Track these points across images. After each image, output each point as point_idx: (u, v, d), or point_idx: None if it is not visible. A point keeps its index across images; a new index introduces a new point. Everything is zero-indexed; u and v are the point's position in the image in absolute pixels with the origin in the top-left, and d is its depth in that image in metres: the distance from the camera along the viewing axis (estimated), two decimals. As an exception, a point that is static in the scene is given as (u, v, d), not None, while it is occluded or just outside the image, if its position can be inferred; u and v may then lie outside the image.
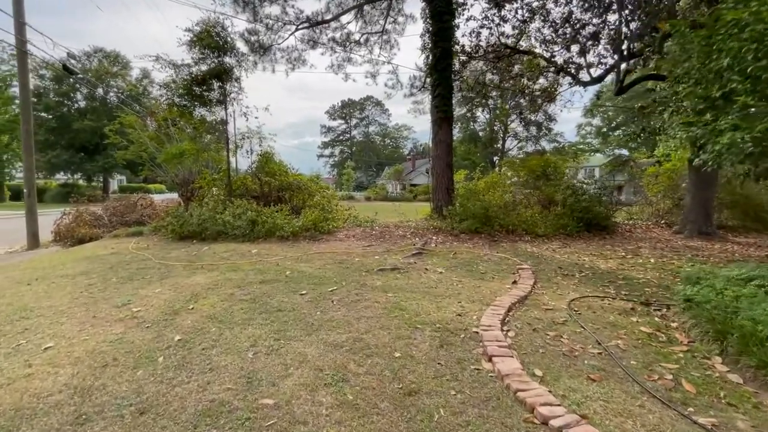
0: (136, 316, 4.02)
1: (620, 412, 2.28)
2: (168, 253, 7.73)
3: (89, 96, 37.16)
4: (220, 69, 10.76)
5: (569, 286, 5.13)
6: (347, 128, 74.11)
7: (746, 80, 2.90)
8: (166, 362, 2.96)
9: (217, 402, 2.42)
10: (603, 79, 12.63)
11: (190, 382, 2.66)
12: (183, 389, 2.57)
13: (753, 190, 11.96)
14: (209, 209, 9.82)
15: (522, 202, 11.75)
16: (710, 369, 2.83)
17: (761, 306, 3.20)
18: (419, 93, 17.50)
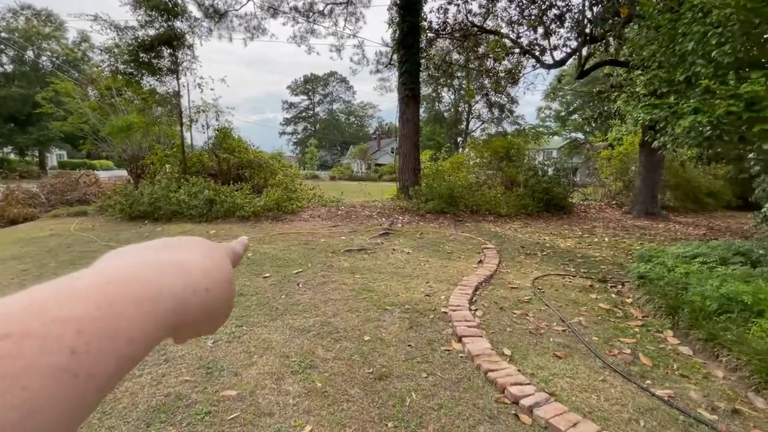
0: (79, 305, 3.65)
1: (585, 387, 2.35)
2: (116, 234, 7.15)
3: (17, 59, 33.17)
4: (170, 34, 9.83)
5: (532, 265, 5.28)
6: (310, 105, 71.66)
7: (709, 64, 2.98)
8: (114, 355, 2.70)
9: (173, 396, 2.24)
10: (565, 63, 12.89)
11: (142, 375, 2.44)
12: (134, 384, 2.35)
13: (693, 173, 12.90)
14: (162, 187, 9.15)
15: (486, 182, 11.96)
16: (664, 342, 2.99)
17: (709, 282, 3.41)
18: (386, 70, 17.06)
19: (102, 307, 0.21)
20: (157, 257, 0.28)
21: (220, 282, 0.30)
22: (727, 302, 3.07)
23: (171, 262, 0.28)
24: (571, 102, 41.26)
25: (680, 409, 2.13)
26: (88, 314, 0.20)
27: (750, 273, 3.68)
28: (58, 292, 0.20)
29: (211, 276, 0.29)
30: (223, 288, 0.30)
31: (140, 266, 0.26)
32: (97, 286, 0.22)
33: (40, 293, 0.20)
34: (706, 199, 12.83)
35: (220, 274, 0.31)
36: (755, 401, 2.24)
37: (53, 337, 0.18)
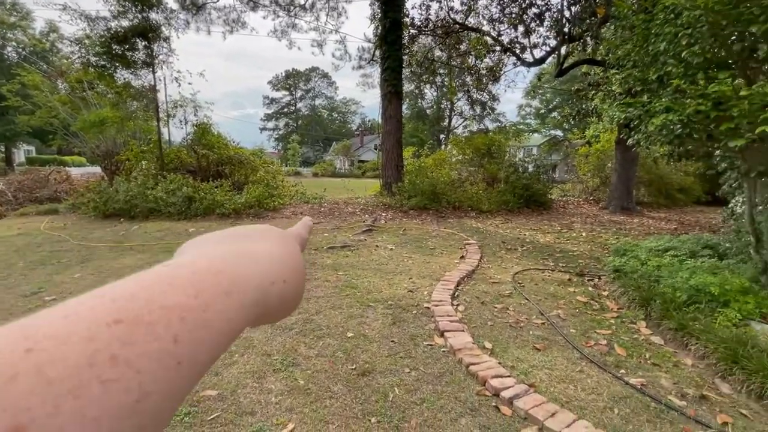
0: (50, 306, 3.51)
1: (563, 378, 2.42)
2: (90, 233, 6.91)
3: (-20, 50, 31.48)
4: (145, 26, 9.53)
5: (513, 260, 5.38)
6: (292, 100, 70.66)
7: (680, 64, 3.09)
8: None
9: (150, 398, 2.18)
10: (545, 61, 13.11)
11: (117, 377, 2.37)
12: (109, 386, 2.28)
13: (666, 170, 13.37)
14: (138, 184, 8.88)
15: (468, 179, 12.09)
16: (637, 333, 3.10)
17: (679, 274, 3.55)
18: (368, 66, 17.01)
19: (198, 296, 0.21)
20: (239, 248, 0.28)
21: (295, 272, 0.30)
22: (696, 293, 3.21)
23: (252, 253, 0.28)
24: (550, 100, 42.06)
25: (652, 396, 2.22)
26: (187, 303, 0.20)
27: (717, 265, 3.85)
28: (159, 280, 0.21)
29: (287, 266, 0.30)
30: (297, 277, 0.30)
31: (226, 257, 0.26)
32: (189, 275, 0.22)
33: (144, 280, 0.21)
34: (677, 195, 13.32)
35: (295, 264, 0.31)
36: (721, 387, 2.35)
37: (161, 325, 0.19)
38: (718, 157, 3.96)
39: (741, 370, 2.30)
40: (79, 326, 0.17)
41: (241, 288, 0.24)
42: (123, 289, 0.19)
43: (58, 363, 0.15)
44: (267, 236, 0.32)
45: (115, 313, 0.18)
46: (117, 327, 0.17)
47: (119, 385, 0.16)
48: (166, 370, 0.18)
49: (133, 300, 0.19)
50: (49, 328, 0.16)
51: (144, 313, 0.19)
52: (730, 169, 3.88)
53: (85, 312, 0.18)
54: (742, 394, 2.26)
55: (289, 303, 0.29)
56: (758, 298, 3.11)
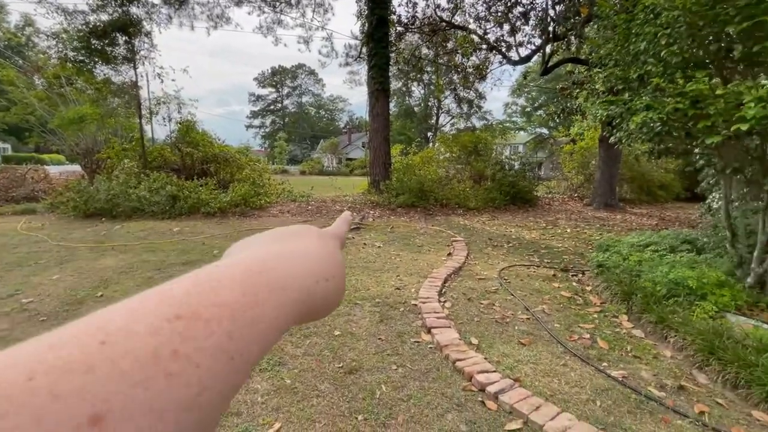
0: (27, 309, 3.42)
1: (547, 372, 2.46)
2: (69, 233, 6.73)
3: (-49, 43, 30.28)
4: (125, 20, 9.29)
5: (499, 256, 5.43)
6: (278, 97, 69.88)
7: (659, 63, 3.16)
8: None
9: (133, 401, 2.14)
10: (530, 59, 13.26)
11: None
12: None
13: (647, 167, 13.68)
14: (120, 183, 8.69)
15: (455, 176, 12.16)
16: (619, 326, 3.17)
17: (659, 269, 3.64)
18: (355, 63, 16.91)
19: (248, 294, 0.22)
20: (282, 248, 0.29)
21: (336, 270, 0.31)
22: (675, 287, 3.30)
23: (295, 253, 0.29)
24: (536, 98, 42.56)
25: (632, 388, 2.28)
26: (238, 301, 0.21)
27: (695, 259, 3.96)
28: (210, 279, 0.22)
29: (328, 265, 0.31)
30: (338, 276, 0.31)
31: (273, 257, 0.27)
32: (239, 274, 0.23)
33: (197, 279, 0.21)
34: (658, 192, 13.64)
35: (335, 262, 0.32)
36: (698, 377, 2.42)
37: (216, 321, 0.19)
38: (696, 154, 4.06)
39: (717, 361, 2.37)
40: (144, 321, 0.18)
41: (286, 286, 0.25)
42: (179, 287, 0.20)
43: (129, 355, 0.16)
44: (307, 236, 0.33)
45: (175, 309, 0.19)
46: (177, 322, 0.18)
47: (181, 379, 0.17)
48: (221, 365, 0.19)
49: (189, 297, 0.20)
50: (118, 322, 0.17)
51: (200, 309, 0.19)
52: (707, 166, 3.99)
53: (149, 307, 0.18)
54: (718, 384, 2.33)
55: (332, 300, 0.30)
56: (733, 291, 3.21)
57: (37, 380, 0.14)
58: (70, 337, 0.16)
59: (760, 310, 3.15)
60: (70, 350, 0.15)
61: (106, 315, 0.18)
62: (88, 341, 0.16)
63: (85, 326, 0.17)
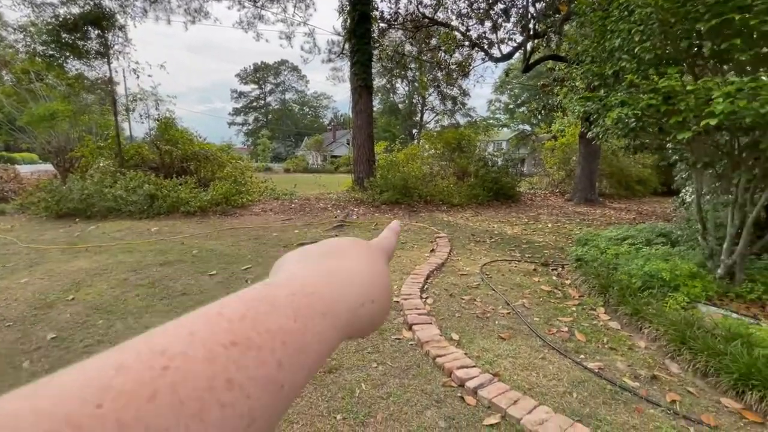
0: (-8, 314, 3.27)
1: (526, 366, 2.48)
2: (40, 234, 6.48)
3: None
4: (97, 13, 8.96)
5: (481, 252, 5.48)
6: (261, 94, 68.79)
7: (633, 60, 3.21)
8: (34, 368, 2.45)
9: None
10: (512, 56, 13.38)
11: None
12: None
13: (625, 163, 14.01)
14: (94, 182, 8.41)
15: (439, 173, 12.21)
16: (596, 319, 3.23)
17: (635, 262, 3.72)
18: (338, 59, 16.77)
19: (297, 319, 0.21)
20: (330, 267, 0.28)
21: (383, 290, 0.31)
22: (650, 279, 3.38)
23: (343, 272, 0.29)
24: (519, 95, 43.07)
25: (608, 379, 2.32)
26: (287, 326, 0.21)
27: (669, 252, 4.06)
28: (263, 301, 0.21)
29: (375, 286, 0.30)
30: (384, 296, 0.31)
31: (319, 277, 0.26)
32: (288, 296, 0.22)
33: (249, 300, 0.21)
34: (636, 186, 14.00)
35: (382, 282, 0.31)
36: (671, 367, 2.48)
37: (267, 349, 0.19)
38: (669, 149, 4.17)
39: (688, 351, 2.44)
40: (202, 345, 0.17)
41: (335, 310, 0.25)
42: (233, 310, 0.20)
43: (187, 384, 0.16)
44: (355, 252, 0.32)
45: (231, 335, 0.18)
46: (233, 349, 0.18)
47: (234, 410, 0.17)
48: (270, 396, 0.19)
49: (243, 321, 0.19)
50: (179, 346, 0.17)
51: (253, 335, 0.19)
52: (680, 161, 4.10)
53: (206, 330, 0.18)
54: (689, 373, 2.40)
55: (376, 321, 0.30)
56: (704, 282, 3.31)
57: (105, 407, 0.14)
58: (135, 360, 0.16)
59: (730, 299, 3.26)
60: (135, 375, 0.15)
61: (166, 336, 0.17)
62: (152, 365, 0.16)
63: (148, 348, 0.17)
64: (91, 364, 0.16)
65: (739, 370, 2.11)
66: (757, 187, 3.25)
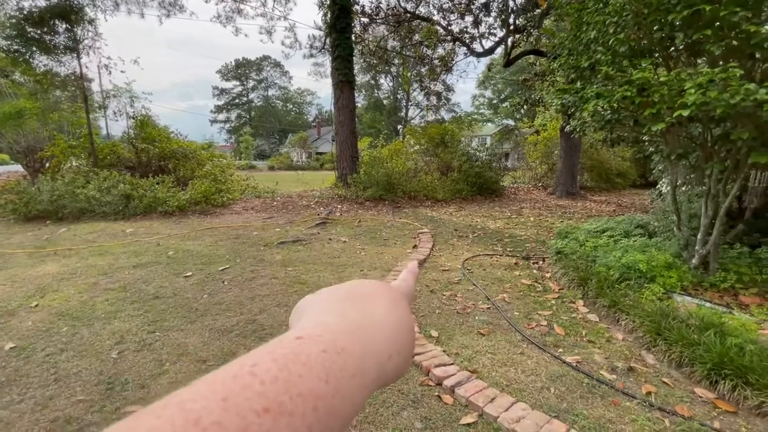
0: (-52, 324, 3.09)
1: (505, 362, 2.46)
2: (7, 238, 6.20)
3: None
4: (64, 7, 8.56)
5: (463, 247, 5.46)
6: (244, 90, 67.53)
7: (608, 52, 3.21)
8: (-12, 380, 2.31)
9: (61, 420, 1.96)
10: (494, 51, 13.41)
11: (23, 400, 2.11)
12: (11, 412, 2.02)
13: (605, 156, 14.24)
14: (65, 183, 8.09)
15: (423, 168, 12.18)
16: (575, 312, 3.24)
17: (612, 254, 3.75)
18: (319, 54, 16.57)
19: (328, 381, 0.21)
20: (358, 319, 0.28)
21: (408, 340, 0.30)
22: (627, 271, 3.40)
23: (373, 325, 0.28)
24: (502, 90, 43.41)
25: (585, 372, 2.31)
26: (318, 389, 0.20)
27: (647, 243, 4.11)
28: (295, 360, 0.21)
29: (401, 336, 0.30)
30: (409, 345, 0.30)
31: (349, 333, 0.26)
32: (318, 354, 0.22)
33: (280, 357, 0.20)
34: (616, 179, 14.25)
35: (408, 330, 0.31)
36: (647, 358, 2.49)
37: (299, 415, 0.19)
38: (645, 142, 4.21)
39: (663, 341, 2.45)
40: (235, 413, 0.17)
41: (365, 369, 0.24)
42: (265, 370, 0.20)
43: None
44: (381, 300, 0.31)
45: (263, 400, 0.18)
46: (265, 417, 0.18)
47: None
48: None
49: (275, 384, 0.19)
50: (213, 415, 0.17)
51: (285, 400, 0.19)
52: (655, 153, 4.14)
53: (239, 395, 0.18)
54: (664, 364, 2.41)
55: (400, 372, 0.29)
56: (680, 272, 3.35)
57: None
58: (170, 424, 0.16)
59: (704, 289, 3.31)
60: None
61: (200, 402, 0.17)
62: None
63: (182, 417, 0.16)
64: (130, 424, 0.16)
65: (713, 359, 2.12)
66: (729, 178, 3.30)
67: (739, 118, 2.68)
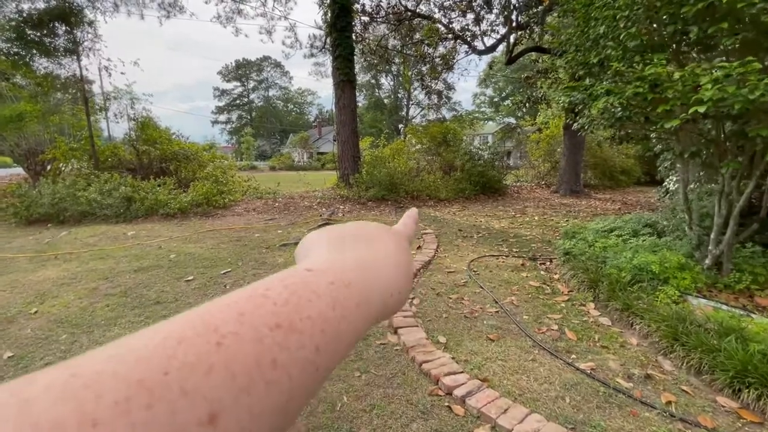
0: (-55, 333, 3.03)
1: (516, 369, 2.37)
2: (8, 242, 6.15)
3: None
4: (62, 8, 8.51)
5: (468, 247, 5.38)
6: (244, 91, 67.51)
7: (618, 47, 3.12)
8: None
9: None
10: (495, 49, 13.30)
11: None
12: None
13: (609, 153, 14.12)
14: (66, 186, 8.04)
15: (425, 168, 12.09)
16: (586, 315, 3.15)
17: (623, 255, 3.66)
18: (320, 54, 16.50)
19: (335, 308, 0.22)
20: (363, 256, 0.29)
21: (408, 279, 0.31)
22: (639, 272, 3.31)
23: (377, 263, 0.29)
24: (503, 88, 43.23)
25: (601, 380, 2.23)
26: (326, 314, 0.22)
27: (657, 243, 4.01)
28: (306, 288, 0.22)
29: (402, 275, 0.31)
30: (408, 284, 0.32)
31: (355, 270, 0.27)
32: (327, 286, 0.23)
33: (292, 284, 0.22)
34: (620, 177, 14.13)
35: (408, 270, 0.32)
36: (664, 364, 2.41)
37: (308, 334, 0.20)
38: (653, 139, 4.11)
39: (681, 347, 2.36)
40: (250, 326, 0.19)
41: (369, 301, 0.26)
42: (278, 293, 0.21)
43: (239, 360, 0.17)
44: (384, 241, 0.32)
45: (276, 318, 0.20)
46: (277, 331, 0.19)
47: (277, 387, 0.18)
48: (307, 376, 0.20)
49: (287, 306, 0.20)
50: (230, 325, 0.18)
51: (296, 320, 0.20)
52: (665, 151, 4.04)
53: (254, 312, 0.19)
54: (682, 371, 2.32)
55: (399, 307, 0.31)
56: (693, 273, 3.26)
57: (171, 375, 0.16)
58: (193, 334, 0.17)
59: (718, 291, 3.22)
60: (195, 349, 0.17)
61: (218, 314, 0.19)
62: (208, 340, 0.17)
63: (203, 324, 0.18)
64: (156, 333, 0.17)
65: (735, 367, 2.03)
66: (743, 176, 3.20)
67: (756, 114, 2.58)
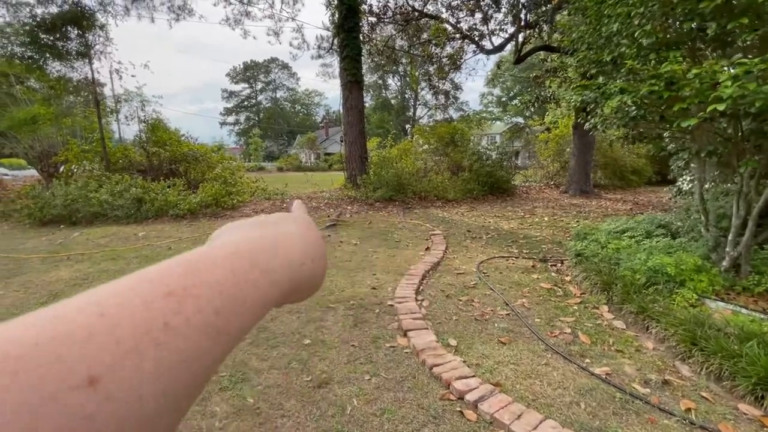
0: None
1: (529, 373, 2.33)
2: (22, 243, 6.24)
3: None
4: (74, 12, 8.63)
5: (477, 249, 5.33)
6: (252, 93, 67.99)
7: (633, 45, 3.05)
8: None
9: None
10: (503, 48, 13.20)
11: None
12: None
13: (620, 153, 13.91)
14: (78, 187, 8.15)
15: (433, 168, 12.04)
16: (600, 318, 3.09)
17: (637, 256, 3.58)
18: (327, 55, 16.54)
19: (237, 273, 0.23)
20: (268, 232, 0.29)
21: (319, 251, 0.32)
22: (654, 275, 3.24)
23: (283, 236, 0.30)
24: (511, 87, 42.93)
25: (616, 386, 2.17)
26: (226, 279, 0.22)
27: (671, 244, 3.93)
28: (205, 258, 0.23)
29: (312, 247, 0.31)
30: (321, 256, 0.32)
31: (261, 240, 0.28)
32: (230, 255, 0.24)
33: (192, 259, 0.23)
34: (630, 177, 13.92)
35: (318, 243, 0.33)
36: (681, 369, 2.34)
37: (205, 298, 0.21)
38: (666, 138, 4.02)
39: (700, 352, 2.30)
40: (140, 297, 0.19)
41: (274, 267, 0.26)
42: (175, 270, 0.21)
43: (124, 327, 0.18)
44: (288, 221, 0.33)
45: (169, 288, 0.20)
46: (170, 298, 0.20)
47: (169, 347, 0.19)
48: (207, 338, 0.20)
49: (184, 275, 0.21)
50: (117, 298, 0.19)
51: (191, 287, 0.21)
52: (680, 150, 3.95)
53: (145, 285, 0.20)
54: (702, 376, 2.26)
55: (316, 280, 0.31)
56: (710, 276, 3.17)
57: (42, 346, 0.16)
58: (73, 309, 0.18)
59: (737, 293, 3.13)
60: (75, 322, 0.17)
61: (106, 291, 0.19)
62: (89, 313, 0.18)
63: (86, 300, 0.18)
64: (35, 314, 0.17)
65: (758, 373, 1.97)
66: (762, 175, 3.11)
67: (777, 112, 2.50)
